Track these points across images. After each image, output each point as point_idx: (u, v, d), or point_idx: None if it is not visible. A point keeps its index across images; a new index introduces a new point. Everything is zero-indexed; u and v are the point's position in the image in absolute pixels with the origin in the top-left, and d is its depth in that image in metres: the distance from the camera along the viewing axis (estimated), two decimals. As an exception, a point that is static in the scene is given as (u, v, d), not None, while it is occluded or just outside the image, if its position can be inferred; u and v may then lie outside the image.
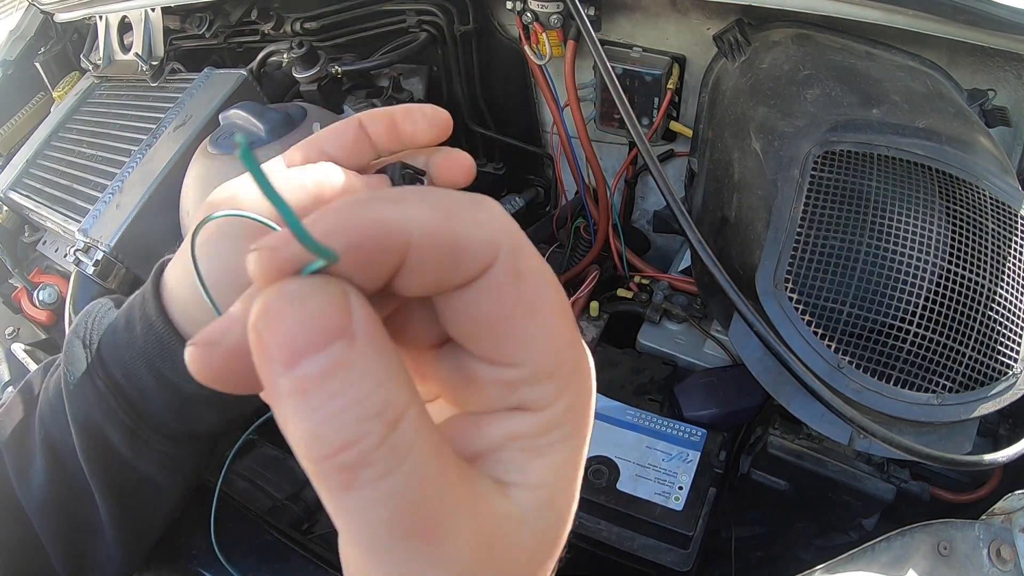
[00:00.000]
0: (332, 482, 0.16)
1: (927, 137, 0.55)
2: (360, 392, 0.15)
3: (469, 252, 0.17)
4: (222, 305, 0.23)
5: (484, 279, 0.17)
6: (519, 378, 0.18)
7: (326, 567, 0.55)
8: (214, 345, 0.17)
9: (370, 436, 0.15)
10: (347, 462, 0.15)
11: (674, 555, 0.60)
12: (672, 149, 0.89)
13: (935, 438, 0.51)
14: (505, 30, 0.91)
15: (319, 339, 0.15)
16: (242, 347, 0.16)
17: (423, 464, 0.16)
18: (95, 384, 0.40)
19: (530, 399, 0.19)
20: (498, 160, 1.04)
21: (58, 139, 1.09)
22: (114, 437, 0.40)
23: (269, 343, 0.15)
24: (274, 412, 0.16)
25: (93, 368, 0.40)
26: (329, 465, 0.15)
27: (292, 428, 0.15)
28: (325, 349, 0.15)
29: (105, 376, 0.39)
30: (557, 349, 0.19)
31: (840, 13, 0.62)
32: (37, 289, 1.01)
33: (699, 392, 0.71)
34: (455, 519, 0.17)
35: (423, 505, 0.16)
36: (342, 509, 0.16)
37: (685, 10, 0.77)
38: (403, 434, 0.16)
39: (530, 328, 0.18)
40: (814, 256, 0.51)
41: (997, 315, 0.50)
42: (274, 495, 0.69)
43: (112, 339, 0.40)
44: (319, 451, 0.15)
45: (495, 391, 0.19)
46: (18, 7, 1.58)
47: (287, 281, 0.16)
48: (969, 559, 0.43)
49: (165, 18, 0.98)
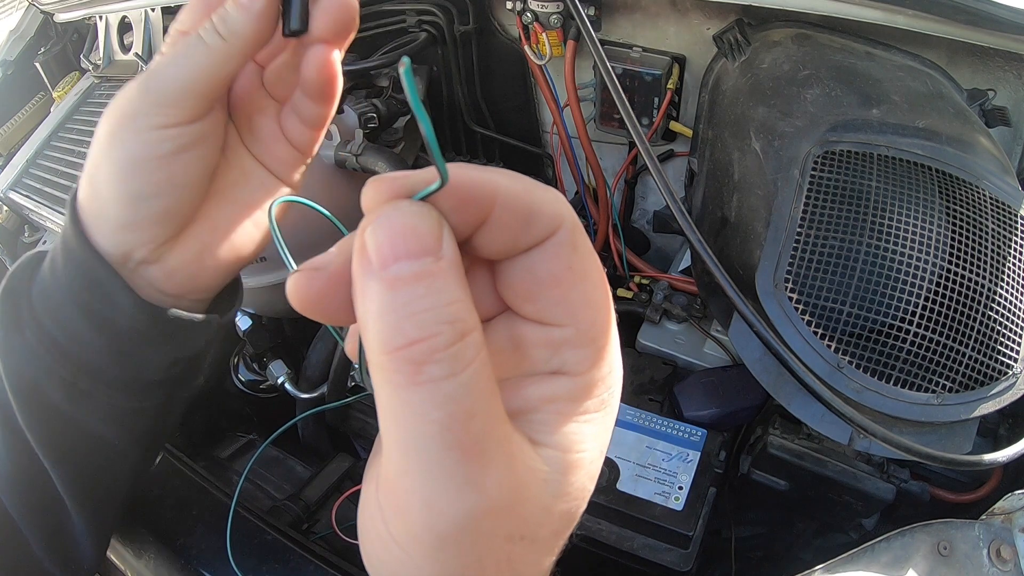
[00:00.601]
0: (400, 374, 0.18)
1: (927, 137, 0.55)
2: (438, 301, 0.18)
3: (540, 219, 0.20)
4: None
5: (547, 243, 0.20)
6: (563, 339, 0.21)
7: (326, 567, 0.55)
8: (319, 270, 0.20)
9: (441, 336, 0.18)
10: (417, 355, 0.17)
11: (674, 555, 0.60)
12: (672, 149, 0.90)
13: (935, 438, 0.51)
14: (505, 30, 0.91)
15: (414, 249, 0.18)
16: (342, 275, 0.20)
17: (479, 380, 0.18)
18: (25, 337, 0.36)
19: (570, 362, 0.21)
20: (498, 160, 1.04)
21: (58, 139, 1.09)
22: (52, 393, 0.37)
23: (371, 246, 0.18)
24: (358, 311, 0.19)
25: (23, 319, 0.36)
26: (401, 356, 0.17)
27: (373, 323, 0.18)
28: (417, 259, 0.18)
29: (35, 325, 0.36)
30: (598, 317, 0.21)
31: (840, 13, 0.62)
32: (37, 289, 1.00)
33: (699, 392, 0.71)
34: (494, 450, 0.19)
35: (472, 421, 0.18)
36: (402, 404, 0.18)
37: (685, 10, 0.77)
38: (468, 346, 0.18)
39: (579, 293, 0.21)
40: (814, 256, 0.51)
41: (997, 315, 0.50)
42: (274, 495, 0.69)
43: (40, 284, 0.37)
44: (395, 342, 0.18)
45: (539, 353, 0.22)
46: (18, 7, 1.58)
47: (398, 201, 0.19)
48: (969, 559, 0.43)
49: (165, 18, 0.98)
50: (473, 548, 0.19)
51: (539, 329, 0.21)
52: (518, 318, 0.22)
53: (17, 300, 0.37)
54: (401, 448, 0.19)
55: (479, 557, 0.20)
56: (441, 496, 0.18)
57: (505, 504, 0.19)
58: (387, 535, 0.20)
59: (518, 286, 0.21)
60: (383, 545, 0.20)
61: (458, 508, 0.19)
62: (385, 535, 0.20)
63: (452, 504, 0.19)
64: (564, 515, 0.22)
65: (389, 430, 0.19)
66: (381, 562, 0.21)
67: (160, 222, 0.34)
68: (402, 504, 0.19)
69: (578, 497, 0.22)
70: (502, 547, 0.20)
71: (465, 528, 0.19)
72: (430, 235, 0.18)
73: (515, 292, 0.21)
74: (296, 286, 0.20)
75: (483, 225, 0.20)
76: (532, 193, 0.20)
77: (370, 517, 0.21)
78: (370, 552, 0.21)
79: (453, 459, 0.18)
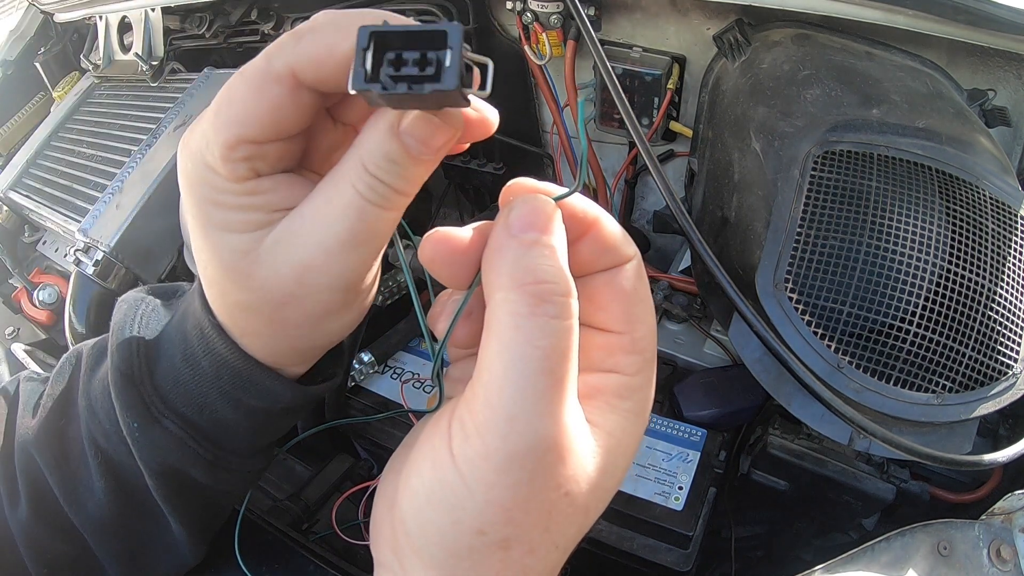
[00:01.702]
0: (523, 305, 0.23)
1: (927, 137, 0.55)
2: (555, 264, 0.24)
3: (620, 248, 0.27)
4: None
5: (625, 267, 0.27)
6: (619, 344, 0.27)
7: (326, 567, 0.55)
8: (454, 236, 0.26)
9: (559, 284, 0.24)
10: (539, 292, 0.23)
11: (674, 555, 0.60)
12: (672, 149, 0.89)
13: (935, 438, 0.51)
14: (505, 30, 0.91)
15: (542, 225, 0.24)
16: (471, 244, 0.26)
17: (574, 334, 0.24)
18: (164, 427, 0.35)
19: (622, 364, 0.27)
20: (498, 160, 1.04)
21: (58, 139, 1.09)
22: (195, 473, 0.37)
23: (513, 216, 0.24)
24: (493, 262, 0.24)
25: (156, 409, 0.35)
26: (527, 290, 0.23)
27: (506, 268, 0.24)
28: (543, 233, 0.24)
29: (174, 415, 0.35)
30: (649, 333, 0.27)
31: (840, 13, 0.62)
32: (37, 289, 1.01)
33: (699, 392, 0.71)
34: (571, 395, 0.24)
35: (565, 361, 0.23)
36: (517, 328, 0.23)
37: (685, 10, 0.77)
38: (572, 304, 0.24)
39: (639, 311, 0.27)
40: (814, 256, 0.51)
41: (997, 315, 0.50)
42: (274, 495, 0.69)
43: (171, 375, 0.35)
44: (524, 278, 0.23)
45: (597, 354, 0.27)
46: (18, 7, 1.57)
47: (537, 195, 0.25)
48: (969, 559, 0.43)
49: (165, 18, 0.98)
50: (531, 480, 0.23)
51: (600, 335, 0.27)
52: (582, 326, 0.26)
53: (140, 390, 0.35)
54: (505, 365, 0.23)
55: (531, 494, 0.23)
56: (525, 413, 0.22)
57: (565, 446, 0.23)
58: (449, 462, 0.23)
59: (596, 296, 0.27)
60: (440, 475, 0.23)
61: (536, 429, 0.22)
62: (447, 462, 0.23)
63: (531, 423, 0.22)
64: (597, 489, 0.25)
65: (498, 352, 0.23)
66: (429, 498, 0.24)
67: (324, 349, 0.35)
68: (487, 418, 0.23)
69: (612, 479, 0.26)
70: (550, 494, 0.23)
71: (533, 451, 0.22)
72: (555, 222, 0.25)
73: (590, 301, 0.27)
74: (430, 241, 0.26)
75: (578, 241, 0.26)
76: (619, 228, 0.27)
77: (432, 449, 0.24)
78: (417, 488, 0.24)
79: (544, 384, 0.22)
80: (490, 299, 0.24)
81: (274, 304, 0.29)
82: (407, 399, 0.76)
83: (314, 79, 0.25)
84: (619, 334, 0.27)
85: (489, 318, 0.24)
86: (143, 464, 0.37)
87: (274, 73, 0.25)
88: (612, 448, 0.25)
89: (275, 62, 0.26)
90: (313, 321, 0.30)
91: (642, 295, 0.27)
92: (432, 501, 0.23)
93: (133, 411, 0.35)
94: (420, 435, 0.26)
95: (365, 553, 0.64)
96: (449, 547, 0.23)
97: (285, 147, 0.28)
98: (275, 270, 0.28)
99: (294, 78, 0.25)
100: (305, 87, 0.26)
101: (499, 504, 0.22)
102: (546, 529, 0.23)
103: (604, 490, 0.26)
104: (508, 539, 0.23)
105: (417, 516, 0.24)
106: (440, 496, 0.23)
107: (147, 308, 0.39)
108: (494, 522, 0.23)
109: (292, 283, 0.28)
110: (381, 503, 0.27)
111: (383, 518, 0.26)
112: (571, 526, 0.25)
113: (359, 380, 0.78)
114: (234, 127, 0.26)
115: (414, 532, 0.24)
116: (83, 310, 0.87)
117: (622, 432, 0.26)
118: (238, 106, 0.26)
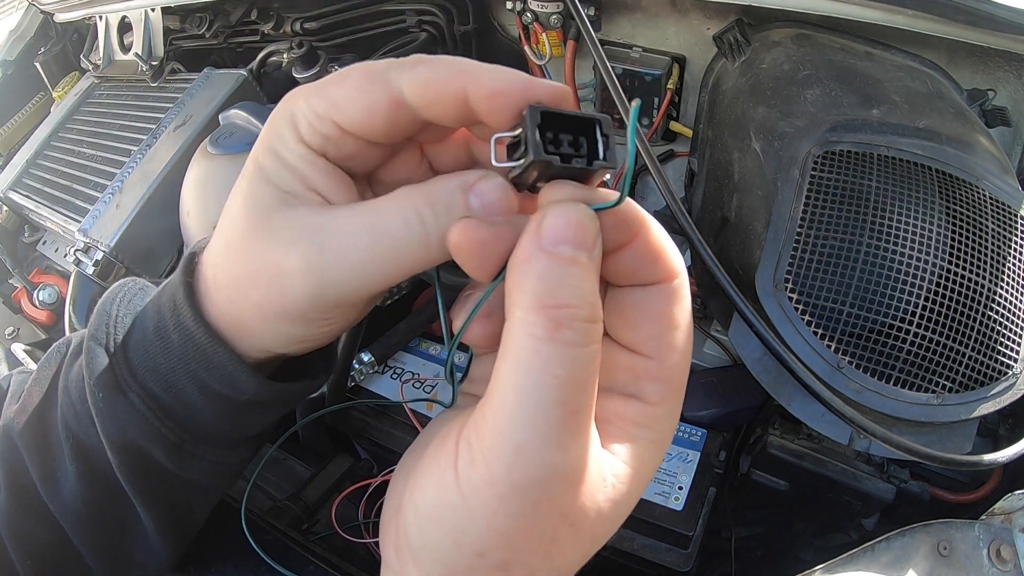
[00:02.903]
0: (542, 328, 0.21)
1: (927, 137, 0.55)
2: (584, 285, 0.22)
3: (664, 263, 0.25)
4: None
5: (663, 286, 0.25)
6: (646, 369, 0.25)
7: (326, 567, 0.55)
8: (487, 226, 0.24)
9: (582, 309, 0.22)
10: (560, 317, 0.21)
11: (674, 555, 0.60)
12: (672, 149, 0.89)
13: (935, 438, 0.51)
14: (505, 30, 0.91)
15: (577, 240, 0.22)
16: (503, 237, 0.24)
17: (595, 362, 0.22)
18: (128, 399, 0.34)
19: (647, 391, 0.25)
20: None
21: (58, 139, 1.09)
22: (156, 453, 0.36)
23: (546, 225, 0.22)
24: (518, 272, 0.22)
25: (123, 381, 0.34)
26: (548, 313, 0.21)
27: (532, 283, 0.22)
28: (577, 248, 0.22)
29: (140, 389, 0.34)
30: (680, 362, 0.25)
31: (840, 13, 0.62)
32: (37, 289, 1.01)
33: (699, 392, 0.71)
34: (585, 426, 0.22)
35: (581, 392, 0.22)
36: (534, 353, 0.21)
37: (685, 10, 0.77)
38: (596, 329, 0.22)
39: (673, 336, 0.25)
40: (814, 256, 0.51)
41: (997, 315, 0.50)
42: (274, 495, 0.69)
43: (143, 346, 0.34)
44: (545, 300, 0.21)
45: (622, 375, 0.25)
46: (18, 7, 1.58)
47: (577, 203, 0.23)
48: (969, 559, 0.43)
49: (165, 18, 0.98)
50: (534, 510, 0.22)
51: (627, 355, 0.25)
52: (610, 341, 0.25)
53: (111, 359, 0.35)
54: (517, 391, 0.21)
55: (533, 523, 0.22)
56: (533, 443, 0.21)
57: (574, 478, 0.22)
58: (454, 484, 0.23)
59: (628, 313, 0.25)
60: (443, 496, 0.23)
61: (543, 460, 0.21)
62: (451, 484, 0.23)
63: (539, 454, 0.21)
64: (606, 520, 0.24)
65: (511, 376, 0.22)
66: (430, 516, 0.23)
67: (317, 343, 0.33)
68: (494, 444, 0.22)
69: (623, 508, 0.25)
70: (554, 523, 0.22)
71: (539, 483, 0.22)
72: (592, 236, 0.22)
73: (622, 317, 0.25)
74: (463, 228, 0.24)
75: (620, 250, 0.24)
76: (666, 239, 0.25)
77: (437, 468, 0.23)
78: (420, 504, 0.24)
79: (557, 415, 0.21)
80: (510, 313, 0.22)
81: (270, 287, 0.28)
82: (407, 399, 0.76)
83: (419, 104, 0.25)
84: (647, 358, 0.25)
85: (507, 335, 0.22)
86: (105, 438, 0.36)
87: (384, 79, 0.25)
88: (626, 479, 0.24)
89: (392, 71, 0.26)
90: (308, 321, 0.30)
91: (679, 321, 0.25)
92: (434, 520, 0.23)
93: (100, 381, 0.35)
94: (430, 444, 0.25)
95: (365, 553, 0.64)
96: (448, 565, 0.23)
97: (362, 149, 0.28)
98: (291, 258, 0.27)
99: (400, 94, 0.25)
100: (405, 107, 0.26)
101: (500, 531, 0.22)
102: (547, 555, 0.23)
103: (614, 519, 0.25)
104: (508, 563, 0.23)
105: (419, 531, 0.24)
106: (442, 516, 0.23)
107: (134, 286, 0.38)
108: (494, 547, 0.22)
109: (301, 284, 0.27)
110: (390, 503, 0.27)
111: (390, 520, 0.26)
112: (575, 553, 0.24)
113: (359, 380, 0.78)
114: (329, 104, 0.26)
115: (416, 545, 0.24)
116: (83, 310, 0.87)
117: (638, 462, 0.25)
118: (340, 90, 0.26)
